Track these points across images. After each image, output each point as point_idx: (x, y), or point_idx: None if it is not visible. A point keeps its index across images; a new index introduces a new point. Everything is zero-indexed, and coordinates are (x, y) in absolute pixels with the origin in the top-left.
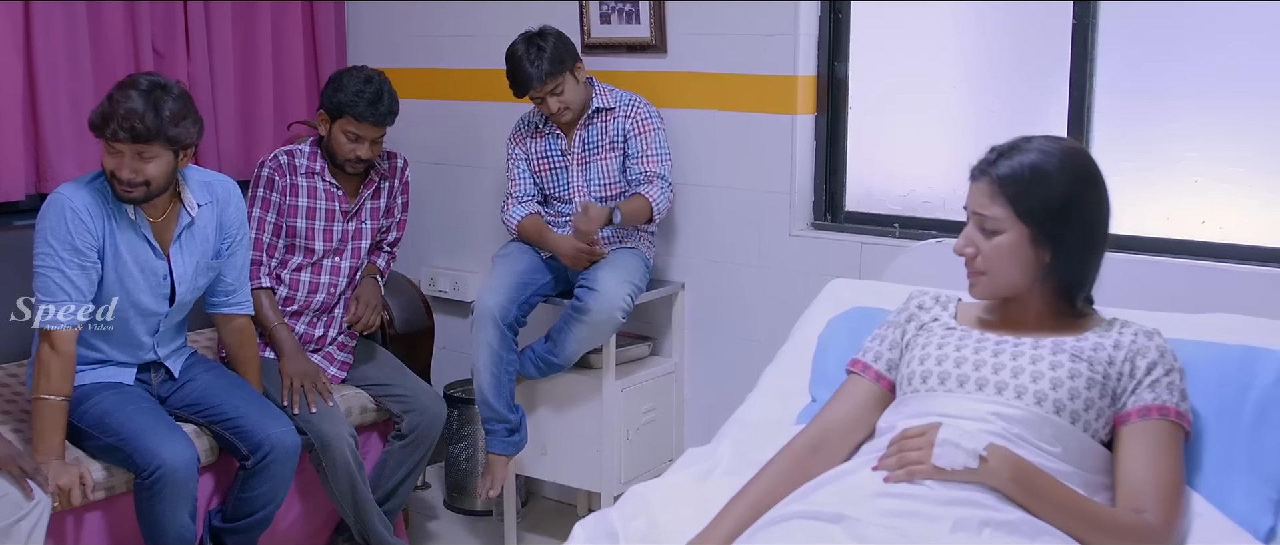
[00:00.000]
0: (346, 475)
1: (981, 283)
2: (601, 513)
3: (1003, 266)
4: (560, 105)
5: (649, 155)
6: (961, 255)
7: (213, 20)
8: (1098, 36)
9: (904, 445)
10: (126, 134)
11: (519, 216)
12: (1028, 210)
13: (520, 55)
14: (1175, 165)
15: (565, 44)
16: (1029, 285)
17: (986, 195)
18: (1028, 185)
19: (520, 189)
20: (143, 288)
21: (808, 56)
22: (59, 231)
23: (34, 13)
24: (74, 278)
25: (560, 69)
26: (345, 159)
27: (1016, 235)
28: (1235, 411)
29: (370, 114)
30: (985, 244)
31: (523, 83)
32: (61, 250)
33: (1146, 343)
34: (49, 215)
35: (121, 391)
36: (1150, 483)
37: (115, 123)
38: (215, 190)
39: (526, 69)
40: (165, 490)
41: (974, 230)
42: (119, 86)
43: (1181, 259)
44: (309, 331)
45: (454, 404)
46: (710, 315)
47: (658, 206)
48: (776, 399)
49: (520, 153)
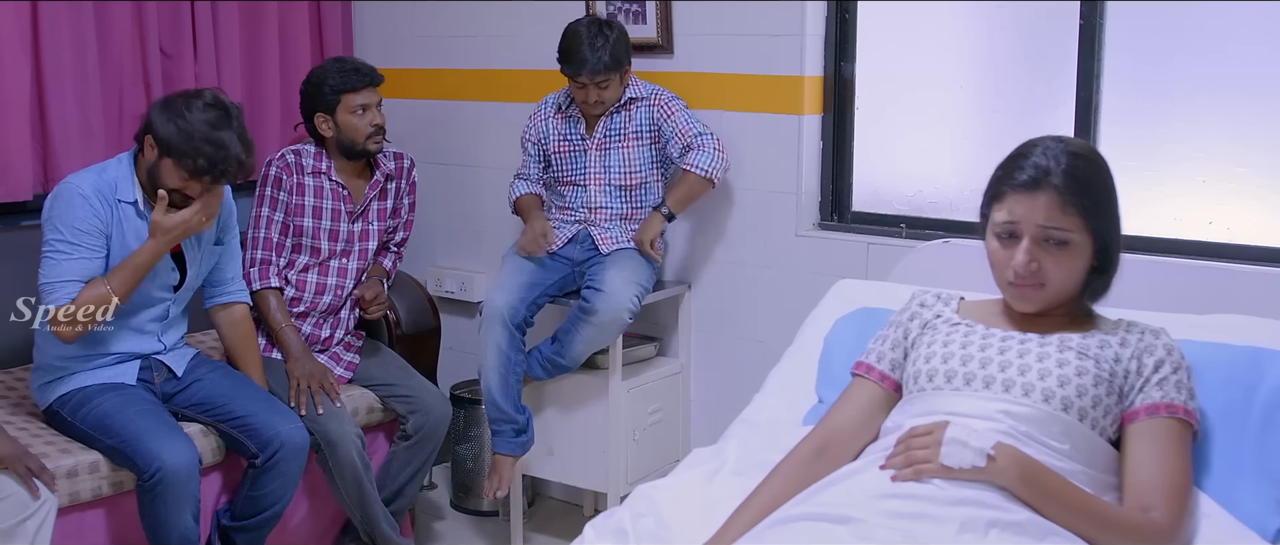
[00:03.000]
0: (353, 475)
1: (1038, 295)
2: (610, 512)
3: (1066, 277)
4: (598, 99)
5: (681, 129)
6: (1025, 272)
7: (220, 21)
8: (1105, 36)
9: (911, 444)
10: (225, 178)
11: (519, 193)
12: (1097, 218)
13: (583, 37)
14: (1182, 166)
15: (625, 44)
16: (1077, 290)
17: (1056, 208)
18: (1095, 194)
19: (527, 170)
20: (149, 279)
21: (814, 57)
22: (67, 216)
23: (41, 13)
24: (82, 258)
25: (616, 67)
26: (369, 136)
27: (1084, 244)
28: (1242, 412)
29: (364, 79)
30: (1049, 257)
31: (576, 63)
32: (68, 233)
33: (1154, 341)
34: (57, 202)
35: (123, 392)
36: (1158, 481)
37: (221, 167)
38: None
39: (585, 53)
40: (166, 492)
41: (1034, 244)
42: (206, 119)
43: (1188, 260)
44: (315, 332)
45: (460, 404)
46: (717, 316)
47: (702, 169)
48: (783, 399)
49: (535, 135)
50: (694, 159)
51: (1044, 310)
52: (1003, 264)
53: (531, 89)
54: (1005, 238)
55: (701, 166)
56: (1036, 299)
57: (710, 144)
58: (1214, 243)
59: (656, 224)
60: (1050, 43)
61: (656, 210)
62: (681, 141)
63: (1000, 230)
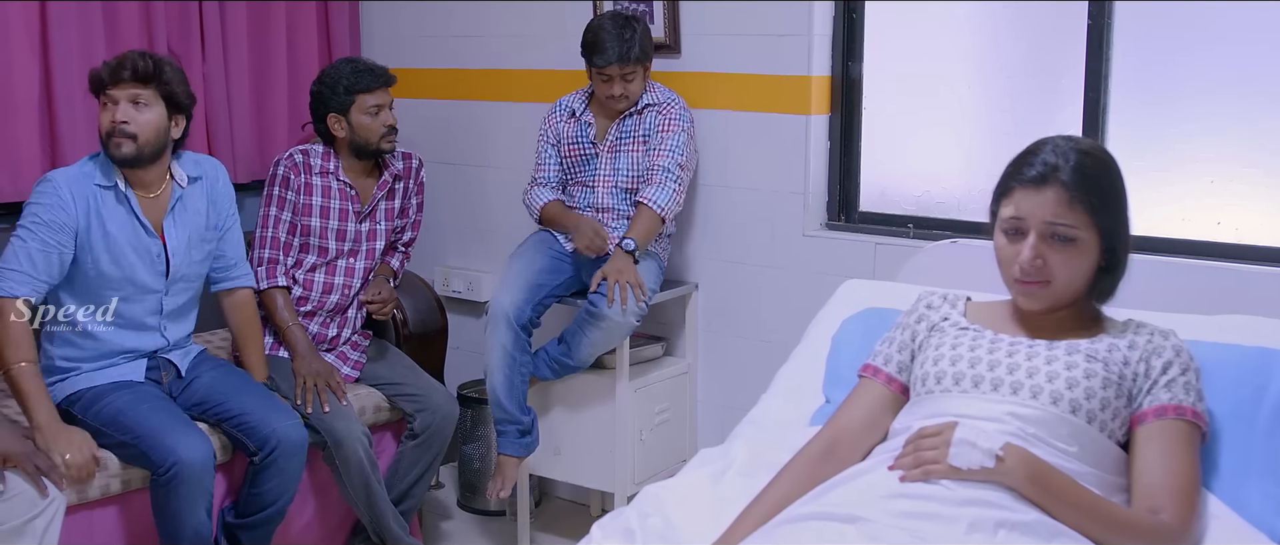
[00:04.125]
0: (361, 474)
1: (1044, 293)
2: (617, 512)
3: (1073, 275)
4: (624, 92)
5: (660, 149)
6: (1030, 267)
7: (227, 20)
8: (1113, 36)
9: (920, 444)
10: (128, 72)
11: (543, 201)
12: (1104, 216)
13: (608, 29)
14: (1190, 166)
15: (649, 40)
16: (1083, 289)
17: (1062, 204)
18: (1102, 192)
19: (545, 173)
20: (137, 264)
21: (822, 57)
22: (34, 207)
23: (50, 13)
24: (34, 251)
25: (644, 59)
26: (382, 136)
27: (1091, 242)
28: (1251, 413)
29: (379, 80)
30: (1055, 253)
31: (604, 53)
32: (30, 224)
33: (1162, 342)
34: (32, 193)
35: (134, 389)
36: (1166, 483)
37: (117, 64)
38: (204, 167)
39: (610, 41)
40: (182, 486)
41: (1042, 241)
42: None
43: (1197, 260)
44: (323, 331)
45: (467, 404)
46: (724, 316)
47: (658, 206)
48: (790, 400)
49: (552, 136)
50: (650, 194)
51: (1051, 309)
52: (1009, 261)
53: (540, 89)
54: (1012, 234)
55: (657, 202)
56: (1042, 296)
57: (670, 181)
58: (1222, 243)
59: (628, 266)
60: (1058, 43)
61: (620, 250)
62: (649, 163)
63: (1007, 226)
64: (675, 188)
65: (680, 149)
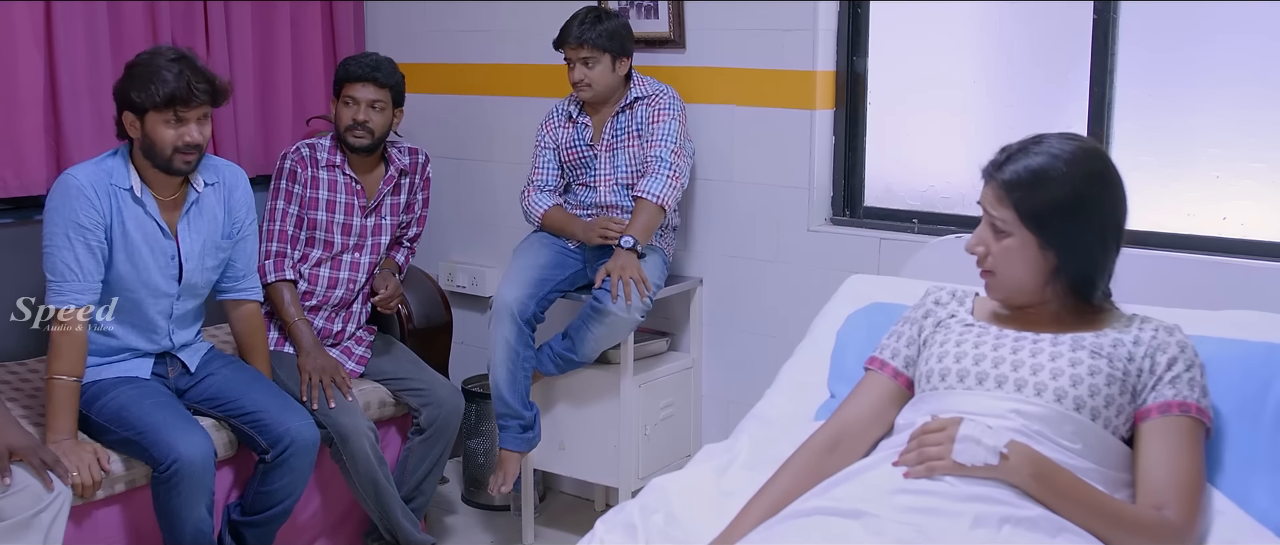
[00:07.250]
0: (368, 470)
1: (993, 283)
2: (621, 506)
3: (1011, 268)
4: (583, 79)
5: (653, 140)
6: (973, 254)
7: (232, 16)
8: (1118, 31)
9: (924, 440)
10: (205, 96)
11: (543, 208)
12: (1032, 214)
13: (577, 16)
14: (1196, 161)
15: (624, 32)
16: (1039, 287)
17: (996, 197)
18: (1032, 189)
19: (543, 178)
20: (152, 267)
21: (827, 52)
22: (64, 210)
23: (55, 10)
24: (81, 256)
25: (602, 46)
26: (345, 129)
27: (1023, 238)
28: (1257, 409)
29: (364, 72)
30: (995, 245)
31: (562, 34)
32: (67, 229)
33: (1167, 338)
34: (55, 196)
35: (138, 385)
36: (1171, 479)
37: (192, 86)
38: (222, 173)
39: (572, 25)
40: (182, 483)
41: (986, 230)
42: (152, 63)
43: (1202, 255)
44: (328, 326)
45: (472, 399)
46: (728, 311)
47: (654, 196)
48: (795, 395)
49: (550, 141)
50: (645, 185)
51: (1006, 302)
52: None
53: (544, 84)
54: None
55: (653, 192)
56: (993, 286)
57: (664, 169)
58: (1228, 239)
59: (632, 261)
60: (1064, 37)
61: (621, 248)
62: (646, 154)
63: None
64: (669, 175)
65: (672, 136)
